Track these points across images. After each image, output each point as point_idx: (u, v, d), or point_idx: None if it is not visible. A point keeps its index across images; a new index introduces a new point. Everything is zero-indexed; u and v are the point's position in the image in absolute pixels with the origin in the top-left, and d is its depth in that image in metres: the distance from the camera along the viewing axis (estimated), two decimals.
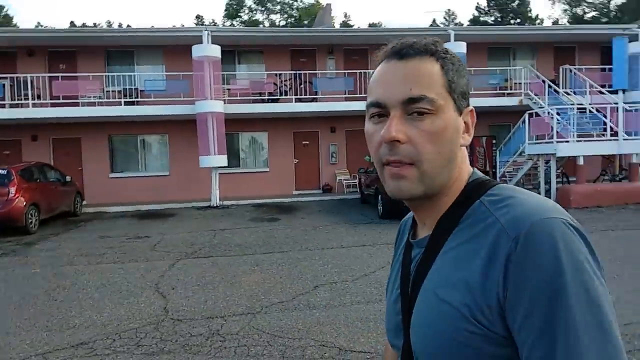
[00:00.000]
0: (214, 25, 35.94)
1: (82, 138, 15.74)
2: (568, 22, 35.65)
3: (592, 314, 0.62)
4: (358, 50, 17.06)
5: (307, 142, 16.85)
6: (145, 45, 16.09)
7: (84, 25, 43.19)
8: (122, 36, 15.92)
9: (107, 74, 15.39)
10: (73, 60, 15.95)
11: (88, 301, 5.27)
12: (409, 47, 0.77)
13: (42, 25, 37.44)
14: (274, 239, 8.65)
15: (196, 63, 13.72)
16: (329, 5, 22.83)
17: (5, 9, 43.88)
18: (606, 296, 0.65)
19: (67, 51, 15.88)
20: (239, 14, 40.61)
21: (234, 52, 16.36)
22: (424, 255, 0.79)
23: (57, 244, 8.79)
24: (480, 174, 0.82)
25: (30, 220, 9.98)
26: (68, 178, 12.30)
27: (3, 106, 14.12)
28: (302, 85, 15.54)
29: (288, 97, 15.43)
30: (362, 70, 15.69)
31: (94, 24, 40.70)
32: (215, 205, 13.96)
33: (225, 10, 41.48)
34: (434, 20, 50.46)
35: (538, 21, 45.42)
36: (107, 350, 3.95)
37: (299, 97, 15.28)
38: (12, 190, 9.66)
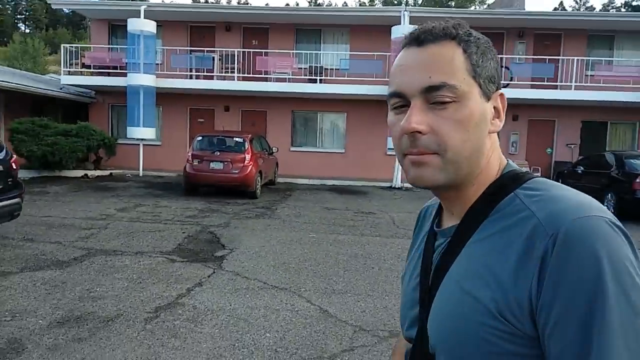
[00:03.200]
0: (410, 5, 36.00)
1: (268, 111, 16.76)
2: None
3: (632, 320, 0.58)
4: (550, 35, 16.01)
5: None
6: (332, 24, 16.57)
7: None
8: (312, 14, 16.51)
9: (295, 51, 16.16)
10: (265, 37, 16.94)
11: None
12: (427, 32, 0.73)
13: (240, 2, 40.46)
14: None
15: (395, 44, 13.80)
16: None
17: None
18: None
19: (260, 27, 16.90)
20: None
21: None
22: (450, 245, 0.76)
23: (294, 211, 9.44)
24: (516, 166, 0.78)
25: (257, 186, 10.86)
26: (274, 149, 13.17)
27: (211, 77, 15.47)
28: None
29: None
30: (553, 57, 14.77)
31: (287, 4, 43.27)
32: (397, 186, 14.13)
33: None
34: (561, 3, 46.16)
35: None
36: None
37: None
38: (247, 157, 10.55)
